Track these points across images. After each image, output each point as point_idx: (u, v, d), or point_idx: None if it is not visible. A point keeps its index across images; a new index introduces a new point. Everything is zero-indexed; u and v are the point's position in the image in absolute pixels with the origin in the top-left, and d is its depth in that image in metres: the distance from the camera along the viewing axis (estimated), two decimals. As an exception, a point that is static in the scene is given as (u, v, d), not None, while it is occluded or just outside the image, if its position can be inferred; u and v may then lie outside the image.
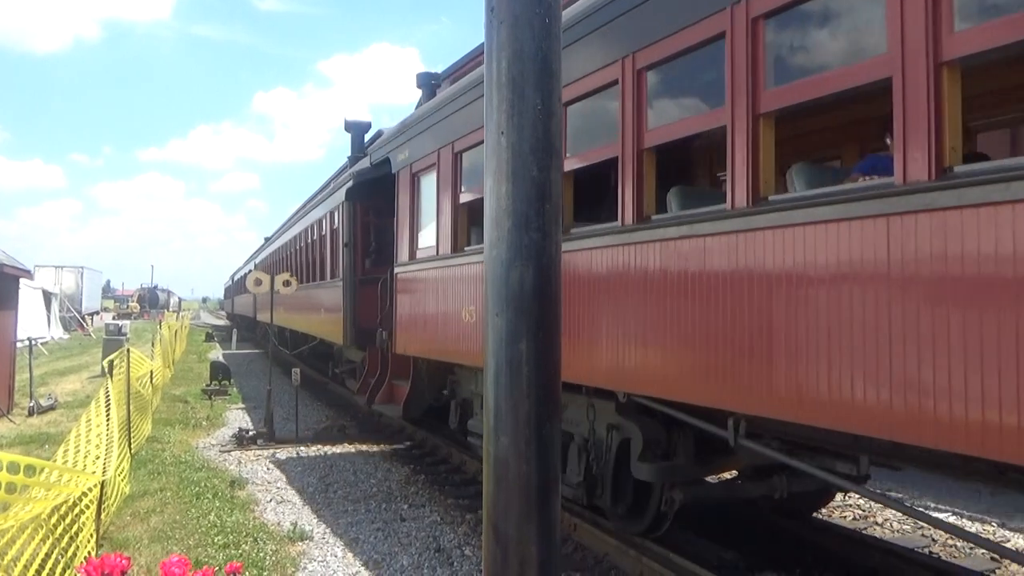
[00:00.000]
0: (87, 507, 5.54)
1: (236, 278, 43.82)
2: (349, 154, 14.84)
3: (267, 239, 31.53)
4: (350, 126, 14.73)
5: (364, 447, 11.14)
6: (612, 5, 5.26)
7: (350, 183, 12.45)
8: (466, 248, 7.67)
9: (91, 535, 5.61)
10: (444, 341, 8.15)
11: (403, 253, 9.38)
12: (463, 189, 7.76)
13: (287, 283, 13.40)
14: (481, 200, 4.39)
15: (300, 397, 12.91)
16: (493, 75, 1.74)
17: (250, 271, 32.25)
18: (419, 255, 8.85)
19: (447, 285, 8.06)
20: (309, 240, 17.03)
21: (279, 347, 22.56)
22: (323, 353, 17.64)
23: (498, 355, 1.73)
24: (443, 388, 9.48)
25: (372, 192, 11.84)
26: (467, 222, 7.79)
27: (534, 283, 1.70)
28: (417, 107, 10.34)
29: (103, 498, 6.02)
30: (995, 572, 5.92)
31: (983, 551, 6.11)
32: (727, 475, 7.10)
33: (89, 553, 5.36)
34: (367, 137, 14.88)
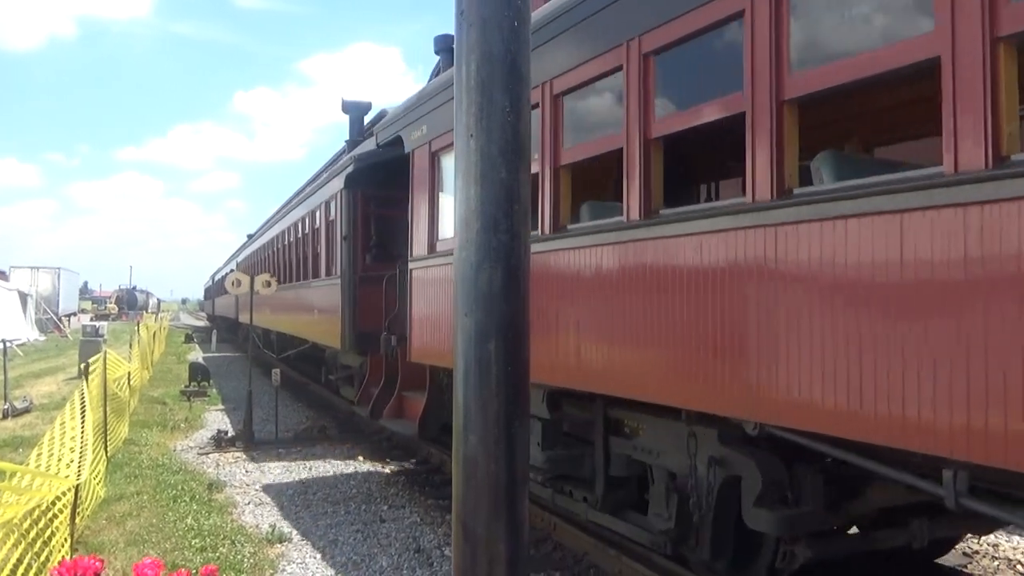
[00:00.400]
0: (61, 511, 5.48)
1: (217, 278, 42.59)
2: (347, 138, 13.70)
3: (250, 236, 30.17)
4: (348, 107, 13.59)
5: (345, 448, 11.10)
6: None
7: (350, 168, 11.28)
8: None
9: (65, 539, 5.56)
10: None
11: (420, 246, 7.99)
12: None
13: (267, 283, 13.32)
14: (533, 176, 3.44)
15: (280, 398, 12.85)
16: (462, 78, 1.76)
17: (231, 271, 31.42)
18: (442, 247, 7.57)
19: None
20: (300, 235, 15.87)
21: (264, 351, 21.70)
22: (313, 357, 16.66)
23: (467, 355, 1.74)
24: None
25: (375, 179, 10.85)
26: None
27: (503, 284, 1.72)
28: (432, 77, 9.61)
29: (77, 502, 5.96)
30: None
31: None
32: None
33: (63, 558, 5.30)
34: (367, 119, 13.72)
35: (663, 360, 4.60)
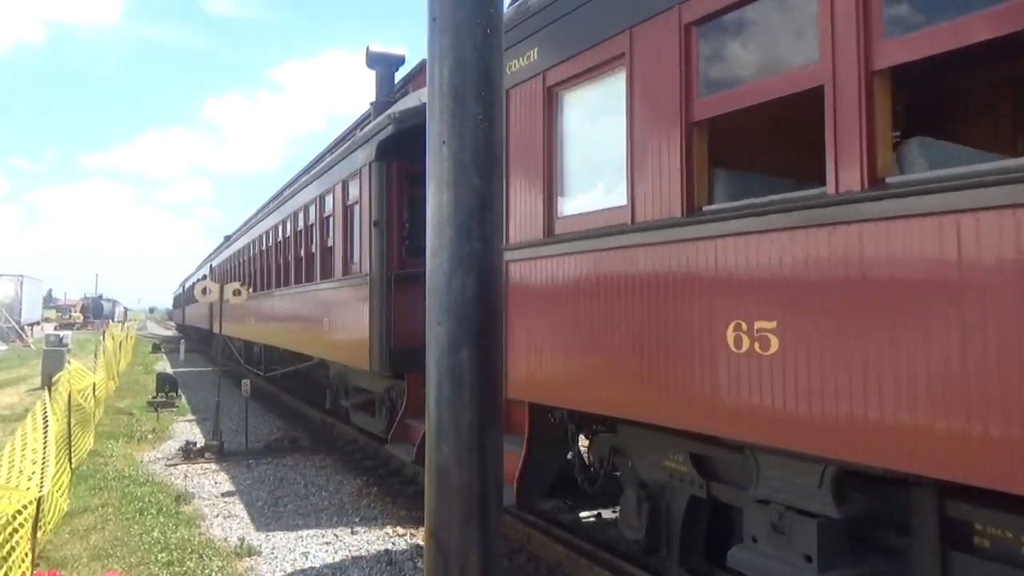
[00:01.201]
0: (22, 525, 5.33)
1: (187, 285, 39.48)
2: (373, 100, 10.89)
3: (227, 238, 27.02)
4: (374, 60, 10.74)
5: (316, 459, 10.96)
6: None
7: (385, 132, 8.68)
8: (710, 208, 4.02)
9: (26, 554, 5.40)
10: (654, 388, 4.28)
11: (526, 227, 5.52)
12: (702, 92, 4.09)
13: (237, 292, 13.13)
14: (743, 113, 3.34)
15: (250, 409, 12.66)
16: (435, 84, 1.75)
17: (203, 277, 30.07)
18: (567, 228, 5.13)
19: (667, 280, 4.21)
20: (300, 227, 13.09)
21: (246, 367, 20.17)
22: (308, 376, 14.38)
23: (440, 364, 1.73)
24: (569, 452, 6.12)
25: (417, 147, 8.75)
26: (708, 157, 4.15)
27: (476, 292, 1.71)
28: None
29: (39, 515, 5.80)
30: None
31: None
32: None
33: (23, 573, 5.15)
34: (399, 77, 11.08)
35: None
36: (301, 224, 13.04)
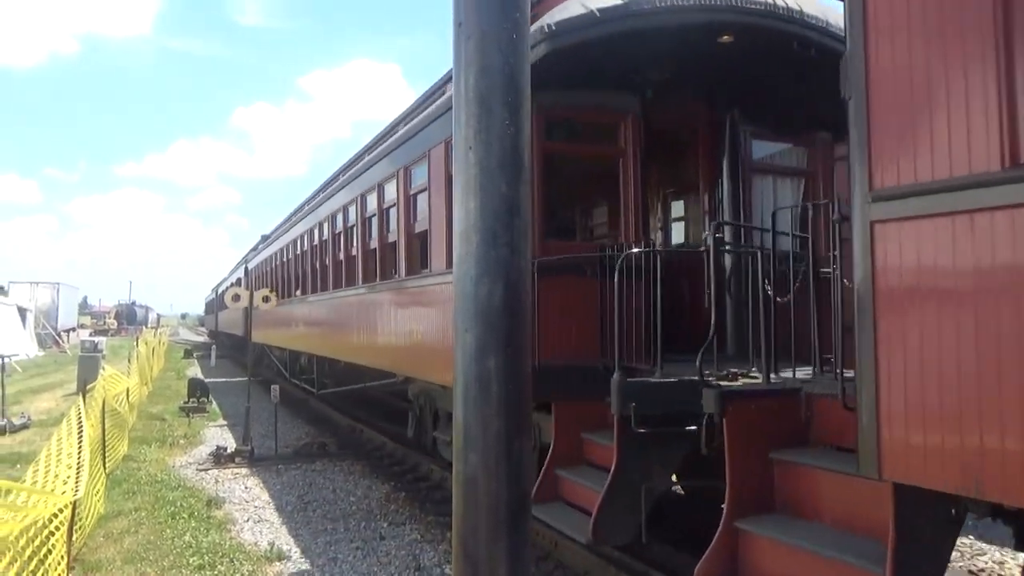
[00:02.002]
0: (57, 528, 5.42)
1: (220, 290, 36.21)
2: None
3: (265, 237, 23.07)
4: None
5: (344, 464, 11.02)
6: None
7: (539, 50, 5.68)
8: None
9: (62, 557, 5.49)
10: None
11: (946, 153, 2.95)
12: None
13: (266, 299, 13.27)
14: None
15: (279, 414, 12.77)
16: (461, 90, 1.74)
17: (237, 280, 27.72)
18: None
19: None
20: (373, 210, 10.41)
21: (291, 380, 18.14)
22: (376, 398, 13.06)
23: (467, 372, 1.72)
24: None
25: (579, 75, 5.90)
26: None
27: (503, 299, 1.70)
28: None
29: (75, 519, 5.90)
30: None
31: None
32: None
33: (59, 575, 5.24)
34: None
35: None
36: (374, 207, 10.32)
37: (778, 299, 4.65)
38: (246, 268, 24.92)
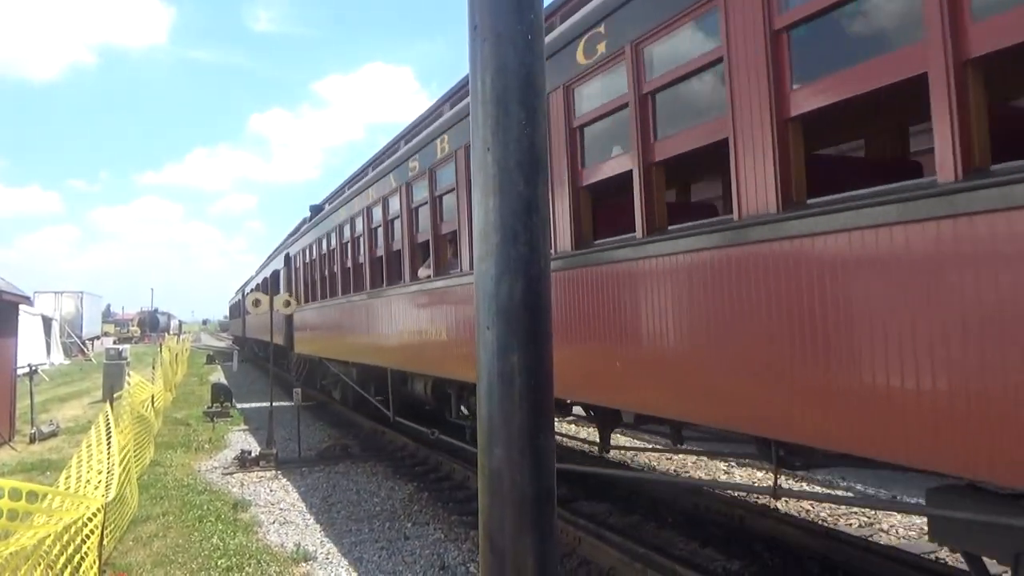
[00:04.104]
0: (91, 533, 5.52)
1: (248, 290, 32.39)
2: None
3: (317, 209, 16.47)
4: None
5: (367, 466, 11.10)
6: None
7: None
8: None
9: (94, 561, 5.59)
10: None
11: None
12: None
13: (287, 303, 13.39)
14: None
15: (302, 417, 12.89)
16: (478, 91, 1.77)
17: (273, 273, 23.06)
18: None
19: None
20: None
21: (397, 418, 11.21)
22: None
23: (490, 368, 1.74)
24: None
25: None
26: None
27: (523, 296, 1.72)
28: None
29: (106, 522, 6.00)
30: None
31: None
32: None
33: (92, 579, 5.34)
34: None
35: None
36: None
37: None
38: (287, 256, 19.88)
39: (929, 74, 3.12)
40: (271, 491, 9.72)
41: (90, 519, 5.43)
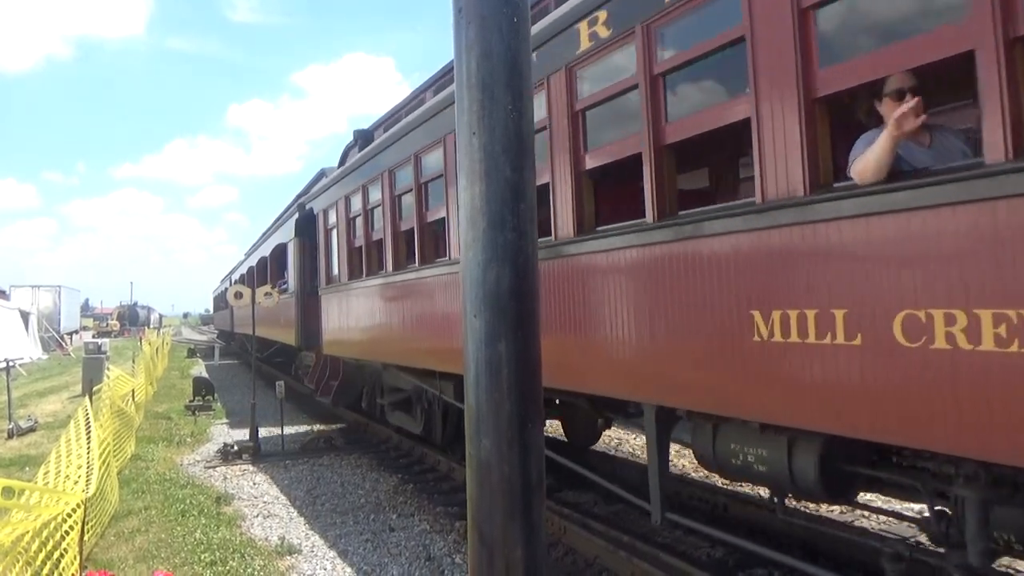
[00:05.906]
0: (71, 529, 5.45)
1: (235, 279, 29.12)
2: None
3: (352, 147, 11.50)
4: None
5: (351, 458, 11.06)
6: None
7: None
8: None
9: (74, 558, 5.52)
10: None
11: None
12: None
13: (268, 294, 13.24)
14: None
15: (285, 410, 12.80)
16: (463, 76, 1.73)
17: (278, 246, 17.26)
18: None
19: None
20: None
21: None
22: None
23: (477, 357, 1.72)
24: None
25: None
26: None
27: (511, 283, 1.70)
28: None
29: (87, 517, 5.93)
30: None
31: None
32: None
33: (74, 574, 5.27)
34: None
35: None
36: None
37: None
38: (305, 216, 14.15)
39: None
40: (254, 484, 9.65)
41: (70, 515, 5.35)
